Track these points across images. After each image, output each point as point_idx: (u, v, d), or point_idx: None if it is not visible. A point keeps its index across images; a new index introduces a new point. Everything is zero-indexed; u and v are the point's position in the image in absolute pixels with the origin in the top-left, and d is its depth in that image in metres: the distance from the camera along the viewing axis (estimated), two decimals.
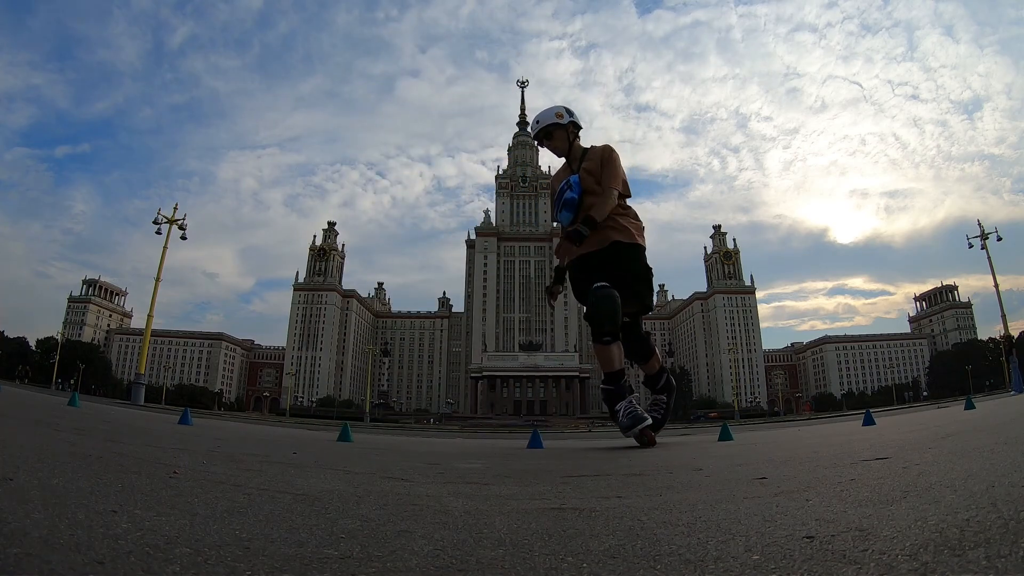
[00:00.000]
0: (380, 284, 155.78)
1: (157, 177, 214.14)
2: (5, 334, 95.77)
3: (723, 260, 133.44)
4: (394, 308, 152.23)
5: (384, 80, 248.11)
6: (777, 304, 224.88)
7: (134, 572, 0.70)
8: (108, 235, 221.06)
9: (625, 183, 3.93)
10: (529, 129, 4.07)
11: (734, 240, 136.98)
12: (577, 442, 5.52)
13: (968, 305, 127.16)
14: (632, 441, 3.63)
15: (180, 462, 2.00)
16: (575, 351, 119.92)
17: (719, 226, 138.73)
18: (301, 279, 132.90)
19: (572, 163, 4.00)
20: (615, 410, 3.62)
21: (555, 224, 3.97)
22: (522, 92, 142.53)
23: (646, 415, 3.64)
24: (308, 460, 2.54)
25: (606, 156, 3.96)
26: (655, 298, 4.09)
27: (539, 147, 4.10)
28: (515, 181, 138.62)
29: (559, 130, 3.96)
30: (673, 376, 4.18)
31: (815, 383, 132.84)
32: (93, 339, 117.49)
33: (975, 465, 1.57)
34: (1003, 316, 27.15)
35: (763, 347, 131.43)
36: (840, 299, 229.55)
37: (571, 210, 3.82)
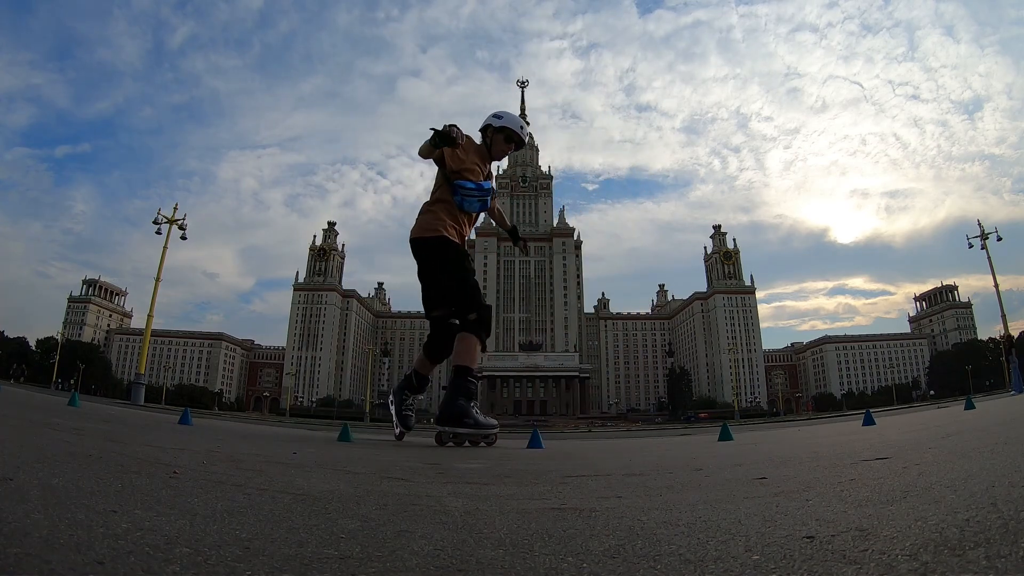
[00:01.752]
0: (380, 284, 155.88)
1: (157, 177, 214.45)
2: (5, 334, 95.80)
3: (723, 260, 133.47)
4: (394, 308, 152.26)
5: (385, 80, 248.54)
6: (777, 304, 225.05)
7: (134, 572, 0.70)
8: (108, 235, 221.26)
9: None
10: (521, 130, 4.07)
11: (734, 240, 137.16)
12: (577, 442, 5.51)
13: (968, 305, 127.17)
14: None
15: (180, 462, 2.00)
16: (575, 351, 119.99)
17: (719, 226, 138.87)
18: (301, 279, 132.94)
19: (487, 162, 4.07)
20: (469, 407, 3.74)
21: (481, 189, 3.94)
22: (522, 92, 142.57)
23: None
24: (308, 460, 2.54)
25: None
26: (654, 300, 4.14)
27: (515, 147, 4.12)
28: (515, 181, 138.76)
29: None
30: (674, 375, 4.27)
31: (815, 383, 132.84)
32: (93, 339, 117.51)
33: (975, 465, 1.57)
34: (1003, 316, 27.17)
35: (763, 347, 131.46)
36: (840, 299, 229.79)
37: (479, 210, 3.97)
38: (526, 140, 4.11)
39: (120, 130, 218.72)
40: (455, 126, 3.75)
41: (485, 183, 3.96)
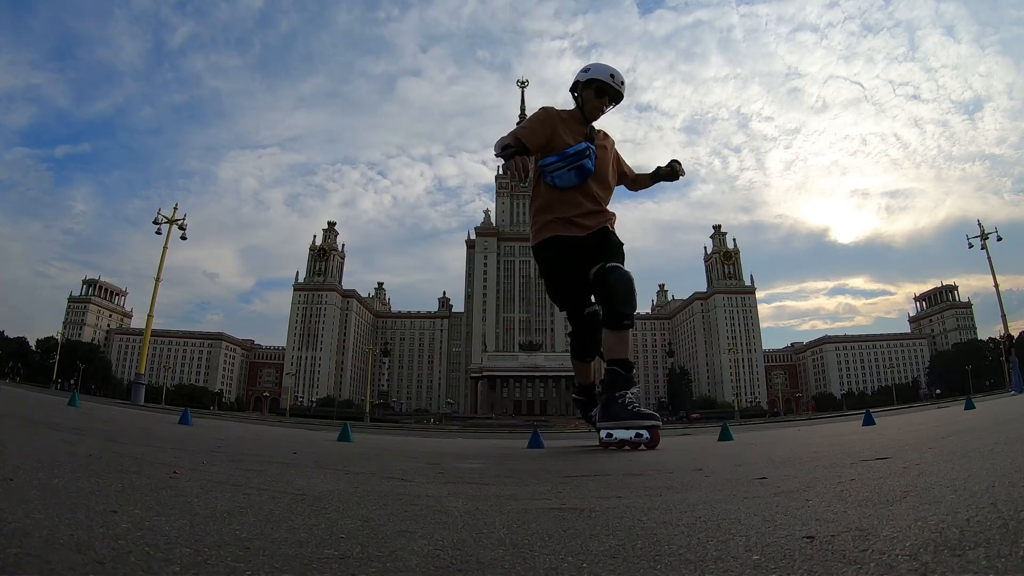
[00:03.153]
0: (380, 284, 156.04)
1: (157, 177, 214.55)
2: (5, 334, 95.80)
3: (723, 260, 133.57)
4: (394, 308, 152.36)
5: (385, 80, 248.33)
6: (778, 304, 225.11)
7: (134, 572, 0.70)
8: (108, 235, 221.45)
9: None
10: (612, 78, 3.35)
11: (734, 240, 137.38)
12: (577, 442, 5.51)
13: (968, 305, 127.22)
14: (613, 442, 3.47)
15: (180, 462, 2.00)
16: None
17: (719, 226, 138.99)
18: (301, 279, 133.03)
19: (584, 126, 3.50)
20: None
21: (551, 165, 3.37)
22: (522, 92, 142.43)
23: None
24: (308, 460, 2.55)
25: (615, 149, 3.69)
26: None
27: (609, 106, 3.47)
28: (515, 181, 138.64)
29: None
30: (674, 375, 3.61)
31: (815, 383, 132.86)
32: (93, 339, 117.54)
33: (975, 465, 1.56)
34: (1003, 316, 27.20)
35: (763, 347, 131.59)
36: (841, 299, 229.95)
37: (579, 178, 3.40)
38: (624, 92, 3.40)
39: (120, 130, 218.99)
40: (519, 159, 3.14)
41: (570, 149, 3.38)
